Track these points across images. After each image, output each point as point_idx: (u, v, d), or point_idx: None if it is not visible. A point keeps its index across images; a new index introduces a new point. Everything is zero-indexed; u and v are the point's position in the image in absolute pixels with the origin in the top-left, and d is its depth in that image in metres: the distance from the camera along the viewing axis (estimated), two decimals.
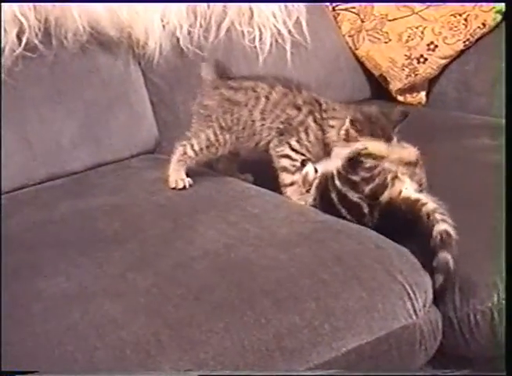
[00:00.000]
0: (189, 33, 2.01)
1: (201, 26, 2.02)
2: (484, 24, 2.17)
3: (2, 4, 1.77)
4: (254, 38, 2.09)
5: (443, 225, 1.44)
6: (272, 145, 1.66)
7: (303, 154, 1.64)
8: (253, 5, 2.09)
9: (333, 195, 1.55)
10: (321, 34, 2.23)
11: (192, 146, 1.68)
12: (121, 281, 1.35)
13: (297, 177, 1.64)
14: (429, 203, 1.48)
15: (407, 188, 1.52)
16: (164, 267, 1.38)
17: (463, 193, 1.59)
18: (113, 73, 1.93)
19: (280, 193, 1.67)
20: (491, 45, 2.17)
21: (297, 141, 1.64)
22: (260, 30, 2.09)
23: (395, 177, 1.52)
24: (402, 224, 1.50)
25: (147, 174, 1.80)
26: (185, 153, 1.68)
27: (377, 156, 1.54)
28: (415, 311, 1.37)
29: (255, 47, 2.09)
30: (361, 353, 1.31)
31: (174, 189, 1.67)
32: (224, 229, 1.49)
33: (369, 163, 1.53)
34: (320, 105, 1.65)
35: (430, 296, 1.41)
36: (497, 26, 2.18)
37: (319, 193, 1.58)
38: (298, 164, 1.64)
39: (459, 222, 1.52)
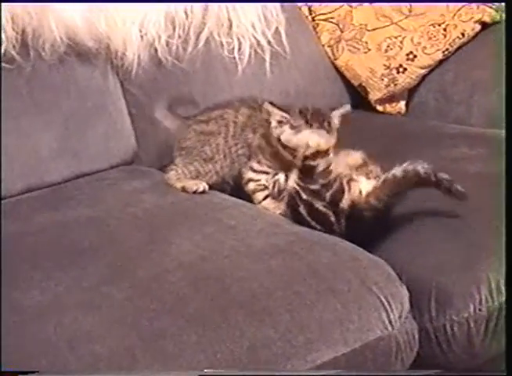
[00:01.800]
0: (168, 44, 2.00)
1: (180, 37, 2.01)
2: (463, 34, 2.17)
3: None
4: (233, 49, 2.09)
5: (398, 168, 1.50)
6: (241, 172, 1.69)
7: (265, 172, 1.65)
8: (232, 15, 2.08)
9: (301, 208, 1.55)
10: (300, 44, 2.23)
11: (183, 172, 1.70)
12: (96, 294, 1.35)
13: (268, 191, 1.65)
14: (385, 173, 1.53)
15: (364, 185, 1.54)
16: (138, 280, 1.38)
17: (440, 203, 1.58)
18: (91, 84, 1.93)
19: None
20: (470, 54, 2.18)
21: (258, 162, 1.65)
22: (239, 40, 2.09)
23: (350, 180, 1.54)
24: (369, 228, 1.53)
25: (125, 185, 1.79)
26: (178, 173, 1.71)
27: (322, 150, 1.54)
28: (390, 322, 1.36)
29: (234, 58, 2.09)
30: (336, 365, 1.30)
31: (195, 192, 1.69)
32: (199, 240, 1.48)
33: (321, 165, 1.53)
34: (269, 123, 1.63)
35: (406, 307, 1.40)
36: (476, 36, 2.19)
37: (289, 209, 1.59)
38: (263, 181, 1.65)
39: (436, 232, 1.53)
